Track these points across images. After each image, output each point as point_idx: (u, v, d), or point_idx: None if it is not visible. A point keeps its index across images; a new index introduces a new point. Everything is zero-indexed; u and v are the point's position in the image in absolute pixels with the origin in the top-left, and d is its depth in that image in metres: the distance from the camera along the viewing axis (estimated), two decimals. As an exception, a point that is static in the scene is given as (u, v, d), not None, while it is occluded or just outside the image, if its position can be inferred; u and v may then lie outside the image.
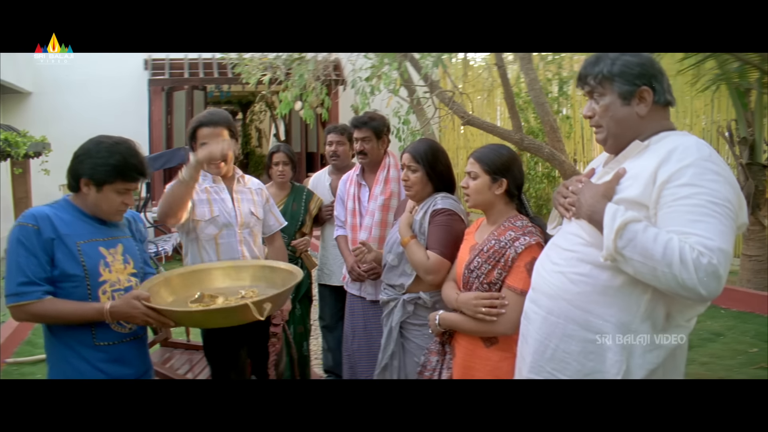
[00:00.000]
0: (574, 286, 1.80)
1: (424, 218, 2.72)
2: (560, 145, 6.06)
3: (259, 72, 6.63)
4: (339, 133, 4.04)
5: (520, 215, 2.44)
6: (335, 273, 3.96)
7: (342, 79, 10.34)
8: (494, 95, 10.08)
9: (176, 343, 3.91)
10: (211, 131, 2.94)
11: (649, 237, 1.59)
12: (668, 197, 1.65)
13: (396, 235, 2.82)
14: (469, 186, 2.43)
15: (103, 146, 2.21)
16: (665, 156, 1.68)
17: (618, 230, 1.63)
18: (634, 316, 1.73)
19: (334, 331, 4.03)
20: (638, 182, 1.71)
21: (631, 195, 1.71)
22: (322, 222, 4.09)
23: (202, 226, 2.96)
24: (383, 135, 3.51)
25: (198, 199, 2.94)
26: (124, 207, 2.28)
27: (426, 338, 2.70)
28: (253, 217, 3.09)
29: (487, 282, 2.32)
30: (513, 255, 2.28)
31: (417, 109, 6.72)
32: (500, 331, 2.28)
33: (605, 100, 1.82)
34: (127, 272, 2.31)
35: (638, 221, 1.63)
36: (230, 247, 2.99)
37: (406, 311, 2.75)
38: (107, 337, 2.23)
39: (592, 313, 1.77)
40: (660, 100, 1.81)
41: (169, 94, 11.80)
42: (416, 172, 2.76)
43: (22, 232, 2.13)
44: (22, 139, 7.40)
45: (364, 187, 3.54)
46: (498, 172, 2.40)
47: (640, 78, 1.78)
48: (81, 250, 2.18)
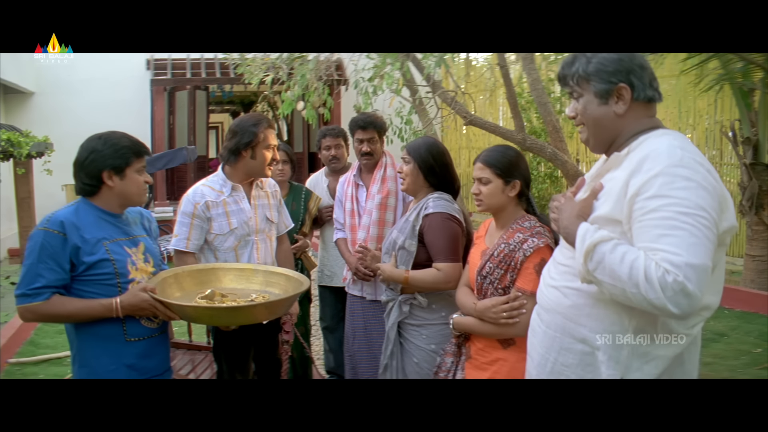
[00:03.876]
0: (567, 299, 1.78)
1: (417, 220, 2.73)
2: (563, 145, 6.05)
3: (261, 72, 6.62)
4: (335, 135, 4.03)
5: (528, 216, 2.42)
6: (336, 274, 3.95)
7: (344, 79, 10.34)
8: (496, 95, 10.07)
9: (178, 344, 3.90)
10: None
11: (617, 257, 1.54)
12: (638, 211, 1.58)
13: (392, 236, 2.84)
14: (481, 192, 2.40)
15: (104, 138, 2.26)
16: (636, 166, 1.61)
17: (587, 253, 1.59)
18: (626, 328, 1.68)
19: (335, 332, 4.03)
20: (611, 197, 1.65)
21: (604, 212, 1.66)
22: (322, 223, 4.09)
23: (220, 240, 2.94)
24: (383, 135, 3.56)
25: (215, 214, 2.91)
26: (146, 186, 2.34)
27: (424, 339, 2.71)
28: (268, 222, 3.09)
29: (501, 287, 2.32)
30: (522, 258, 2.27)
31: (419, 109, 6.72)
32: (513, 333, 2.29)
33: (583, 100, 1.78)
34: (149, 270, 2.35)
35: (607, 241, 1.57)
36: (249, 255, 2.98)
37: (402, 312, 2.76)
38: (138, 332, 2.28)
39: (585, 327, 1.74)
40: (640, 96, 1.72)
41: (171, 94, 11.80)
42: (408, 164, 2.80)
43: (48, 238, 2.14)
44: (25, 139, 7.42)
45: (362, 187, 3.55)
46: (510, 174, 2.38)
47: (616, 75, 1.71)
48: (109, 249, 2.22)
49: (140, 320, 2.27)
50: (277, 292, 2.59)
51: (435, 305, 2.70)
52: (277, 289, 2.62)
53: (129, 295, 2.20)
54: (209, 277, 2.65)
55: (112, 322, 2.22)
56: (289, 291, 2.54)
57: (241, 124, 2.96)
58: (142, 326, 2.28)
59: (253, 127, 2.93)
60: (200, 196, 2.92)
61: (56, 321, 2.26)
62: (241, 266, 2.78)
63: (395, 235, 2.82)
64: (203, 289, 2.51)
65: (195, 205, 2.89)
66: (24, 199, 8.63)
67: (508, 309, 2.26)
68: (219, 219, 2.92)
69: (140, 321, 2.27)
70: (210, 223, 2.91)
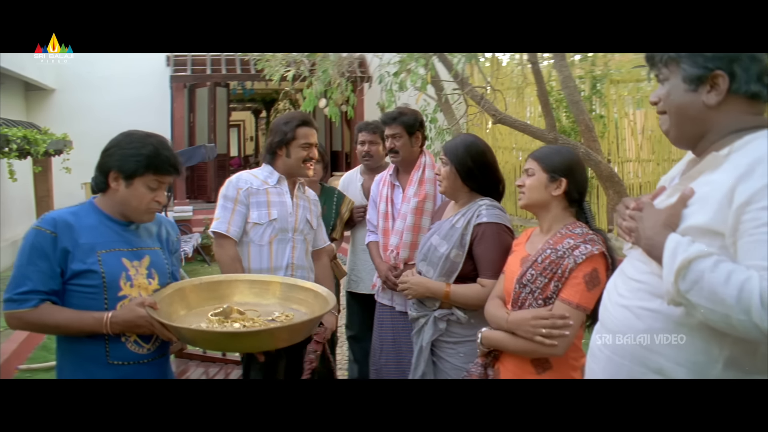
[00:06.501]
0: (641, 322, 1.51)
1: (467, 229, 2.47)
2: (596, 144, 5.81)
3: (282, 68, 6.47)
4: (371, 131, 3.76)
5: (579, 222, 2.19)
6: (363, 279, 3.72)
7: (367, 76, 10.16)
8: (524, 94, 9.82)
9: (192, 355, 3.71)
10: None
11: (720, 277, 1.28)
12: (748, 223, 1.31)
13: (430, 241, 2.58)
14: (525, 184, 2.21)
15: (134, 137, 2.06)
16: (745, 170, 1.35)
17: (679, 270, 1.32)
18: (716, 359, 1.41)
19: (362, 341, 3.79)
20: (709, 204, 1.38)
21: (700, 221, 1.38)
22: (353, 224, 3.84)
23: (257, 230, 2.85)
24: (416, 131, 3.24)
25: (256, 201, 2.86)
26: (155, 206, 2.08)
27: (462, 357, 2.46)
28: (308, 225, 3.00)
29: (542, 297, 2.08)
30: (572, 265, 2.03)
31: (445, 107, 6.51)
32: (549, 353, 2.04)
33: (669, 84, 1.53)
34: (152, 289, 2.10)
35: (706, 257, 1.31)
36: (282, 252, 2.87)
37: (438, 329, 2.51)
38: (122, 355, 2.02)
39: (662, 355, 1.47)
40: (741, 89, 1.45)
41: (191, 91, 11.71)
42: (446, 166, 2.56)
43: (38, 238, 1.94)
44: (42, 136, 7.30)
45: (398, 188, 3.28)
46: (556, 171, 2.17)
47: (714, 60, 1.45)
48: (101, 260, 1.99)
49: (126, 343, 2.02)
50: (303, 311, 2.31)
51: (474, 320, 2.44)
52: (304, 307, 2.34)
53: (125, 309, 1.97)
54: (222, 290, 2.38)
55: (95, 341, 1.98)
56: (315, 311, 2.26)
57: (276, 123, 2.98)
58: (128, 350, 2.03)
59: (284, 125, 2.93)
60: (244, 182, 2.88)
61: (44, 331, 2.03)
62: (262, 278, 2.52)
63: (436, 241, 2.55)
64: (216, 305, 2.25)
65: (238, 191, 2.85)
66: (43, 198, 8.56)
67: (549, 325, 2.01)
68: (260, 207, 2.86)
69: (126, 344, 2.02)
70: (249, 211, 2.85)
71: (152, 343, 2.08)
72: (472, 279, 2.46)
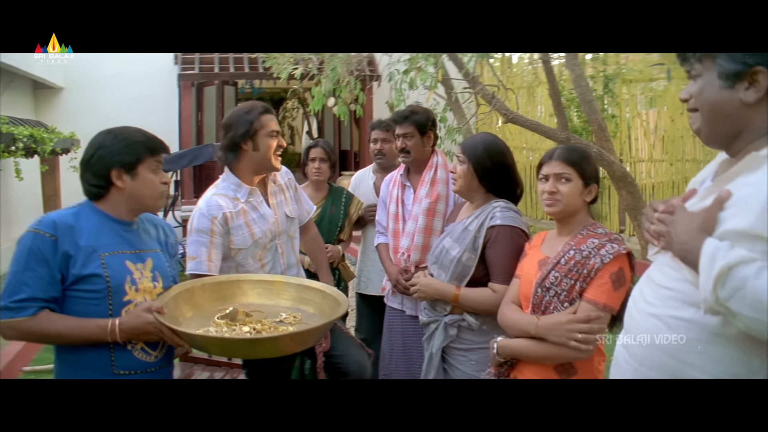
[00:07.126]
0: (672, 332, 1.42)
1: (480, 231, 2.40)
2: (608, 144, 5.74)
3: (290, 66, 6.41)
4: (384, 129, 3.67)
5: (598, 223, 2.13)
6: (373, 281, 3.63)
7: (376, 75, 10.09)
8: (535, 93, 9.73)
9: (197, 359, 3.65)
10: None
11: (764, 284, 1.21)
12: None
13: (443, 244, 2.51)
14: (559, 191, 2.09)
15: (114, 133, 2.01)
16: None
17: (719, 277, 1.24)
18: (756, 371, 1.33)
19: (372, 345, 3.70)
20: (750, 207, 1.30)
21: (740, 225, 1.30)
22: (364, 224, 3.75)
23: (243, 254, 2.61)
24: (428, 130, 3.14)
25: (235, 226, 2.58)
26: (164, 187, 2.05)
27: (473, 365, 2.38)
28: (289, 220, 2.80)
29: (568, 300, 2.00)
30: (598, 265, 1.96)
31: (455, 106, 6.44)
32: (576, 356, 1.98)
33: (701, 80, 1.45)
34: (156, 292, 2.02)
35: (749, 263, 1.23)
36: (274, 263, 2.70)
37: (449, 335, 2.43)
38: (129, 364, 1.94)
39: (695, 367, 1.39)
40: None
41: (199, 89, 11.65)
42: (463, 164, 2.48)
43: (36, 241, 1.84)
44: (49, 135, 7.26)
45: (409, 188, 3.18)
46: (590, 177, 2.11)
47: (755, 56, 1.37)
48: (105, 263, 1.90)
49: (133, 350, 1.93)
50: (311, 311, 2.27)
51: (486, 326, 2.37)
52: (311, 308, 2.29)
53: (131, 315, 1.89)
54: (231, 291, 2.32)
55: (99, 349, 1.88)
56: (324, 310, 2.21)
57: (235, 115, 2.63)
58: (135, 359, 1.94)
59: (246, 115, 2.60)
60: (216, 209, 2.56)
61: (43, 341, 1.94)
62: (269, 278, 2.47)
63: (448, 244, 2.47)
64: (223, 306, 2.19)
65: (212, 220, 2.53)
66: (50, 197, 8.51)
67: (586, 329, 1.92)
68: (240, 231, 2.59)
69: (133, 352, 1.93)
70: (230, 238, 2.57)
71: (159, 350, 2.01)
72: (485, 284, 2.38)
